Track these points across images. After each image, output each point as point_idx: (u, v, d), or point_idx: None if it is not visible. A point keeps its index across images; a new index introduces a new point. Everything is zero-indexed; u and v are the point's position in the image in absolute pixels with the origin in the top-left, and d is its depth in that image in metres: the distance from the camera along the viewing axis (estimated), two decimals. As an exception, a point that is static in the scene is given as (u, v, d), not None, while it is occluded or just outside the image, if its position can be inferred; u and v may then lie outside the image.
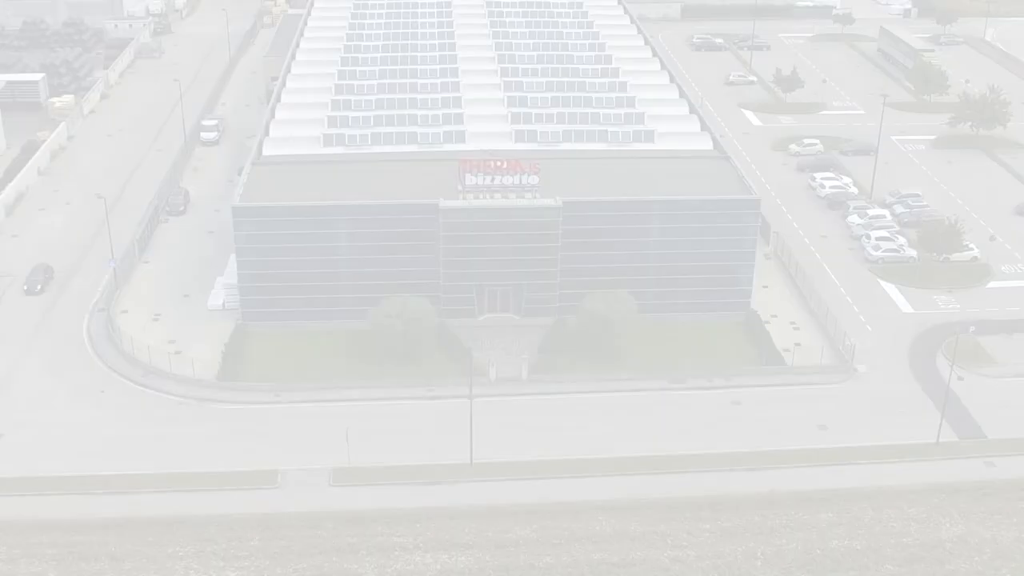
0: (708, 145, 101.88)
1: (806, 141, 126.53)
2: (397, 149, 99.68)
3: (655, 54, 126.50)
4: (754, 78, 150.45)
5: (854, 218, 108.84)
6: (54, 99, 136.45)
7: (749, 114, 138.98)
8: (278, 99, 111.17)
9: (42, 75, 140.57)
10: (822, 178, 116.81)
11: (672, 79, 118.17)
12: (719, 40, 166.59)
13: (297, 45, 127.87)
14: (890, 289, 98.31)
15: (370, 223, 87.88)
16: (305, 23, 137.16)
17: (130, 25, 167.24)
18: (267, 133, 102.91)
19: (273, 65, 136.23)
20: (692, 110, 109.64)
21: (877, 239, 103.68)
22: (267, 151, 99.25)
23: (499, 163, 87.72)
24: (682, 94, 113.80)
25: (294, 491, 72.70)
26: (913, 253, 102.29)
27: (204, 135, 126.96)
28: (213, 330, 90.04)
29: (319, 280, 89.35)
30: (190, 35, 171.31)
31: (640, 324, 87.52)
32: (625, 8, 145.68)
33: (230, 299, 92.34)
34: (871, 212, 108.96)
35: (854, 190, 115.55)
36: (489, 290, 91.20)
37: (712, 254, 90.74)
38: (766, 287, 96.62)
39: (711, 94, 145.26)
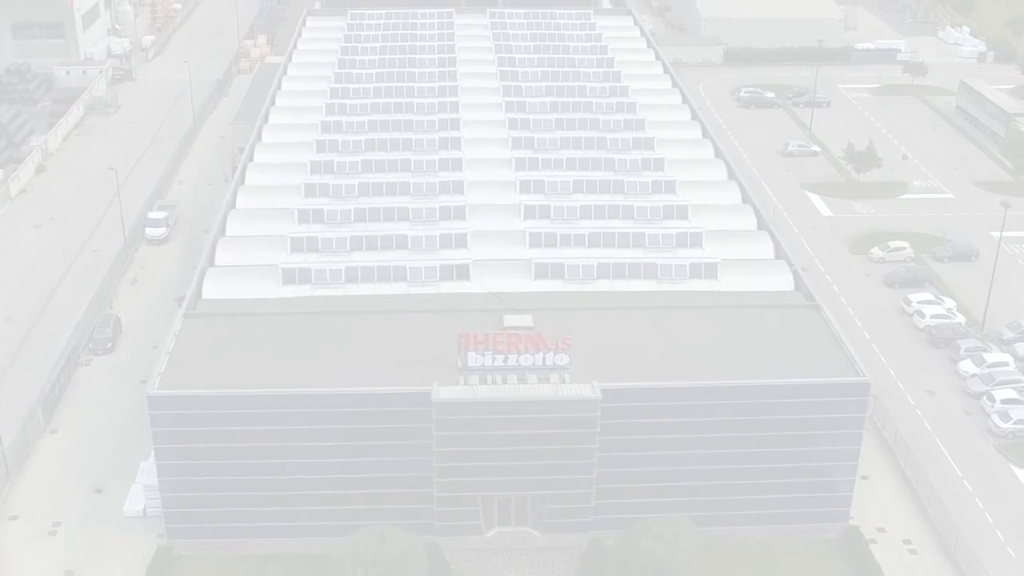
0: (788, 282, 77.95)
1: (892, 245, 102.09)
2: (378, 290, 75.85)
3: (706, 134, 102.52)
4: (817, 148, 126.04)
5: (967, 365, 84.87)
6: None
7: (815, 199, 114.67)
8: (232, 204, 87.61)
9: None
10: (919, 302, 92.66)
11: (731, 174, 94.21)
12: (770, 95, 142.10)
13: (266, 119, 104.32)
14: (1029, 481, 74.68)
15: (336, 417, 64.24)
16: (279, 85, 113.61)
17: (84, 72, 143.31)
18: (212, 260, 79.36)
19: (240, 132, 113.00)
20: (761, 224, 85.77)
21: (1003, 402, 79.81)
22: (209, 290, 75.59)
23: (513, 339, 63.78)
24: (746, 198, 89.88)
25: None
26: (1054, 425, 78.54)
27: (150, 231, 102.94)
28: (128, 550, 66.71)
29: (268, 489, 65.69)
30: (154, 81, 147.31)
31: (704, 554, 64.14)
32: (664, 65, 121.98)
33: (153, 503, 68.86)
34: (989, 358, 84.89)
35: (960, 318, 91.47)
36: (500, 498, 67.66)
37: (801, 453, 66.90)
38: (866, 478, 72.69)
39: (766, 168, 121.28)
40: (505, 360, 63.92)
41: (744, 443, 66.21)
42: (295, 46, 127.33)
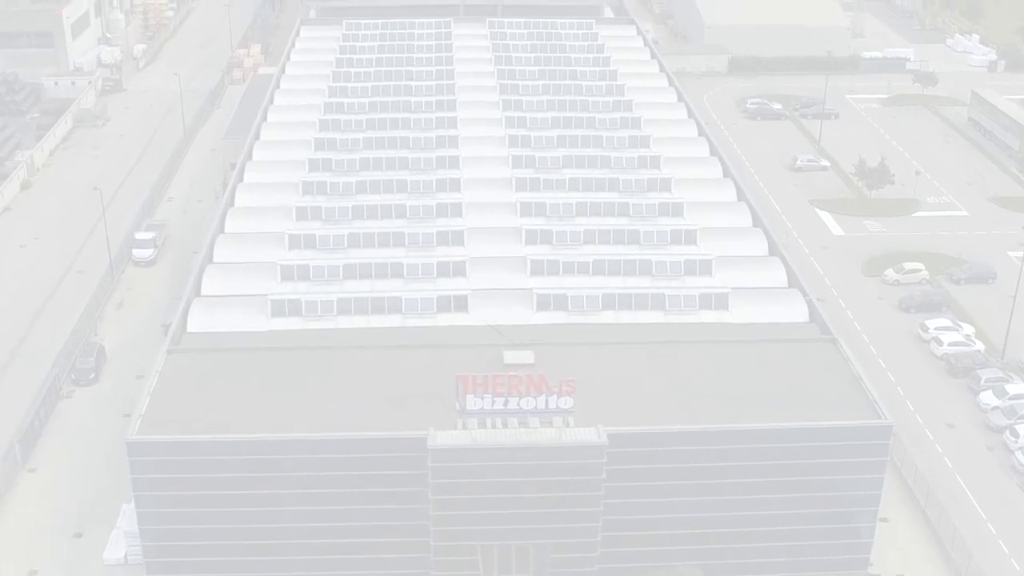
0: (802, 313, 74.34)
1: (907, 266, 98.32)
2: (372, 323, 72.25)
3: (713, 151, 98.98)
4: (827, 163, 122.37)
5: (988, 397, 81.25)
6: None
7: (826, 216, 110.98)
8: (221, 227, 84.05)
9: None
10: (936, 328, 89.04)
11: (740, 195, 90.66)
12: (777, 106, 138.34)
13: (257, 135, 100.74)
14: (1057, 523, 71.02)
15: (327, 463, 60.67)
16: (271, 99, 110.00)
17: (72, 83, 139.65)
18: (198, 290, 75.75)
19: (232, 148, 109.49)
20: (772, 249, 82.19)
21: (1028, 437, 76.35)
22: (194, 323, 71.99)
23: (514, 382, 60.14)
24: (756, 221, 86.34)
25: None
26: (1081, 462, 74.90)
27: (137, 252, 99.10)
28: (107, 601, 63.31)
29: (255, 538, 62.12)
30: (145, 92, 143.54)
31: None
32: (669, 77, 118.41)
33: (134, 550, 65.23)
34: (1011, 389, 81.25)
35: (979, 345, 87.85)
36: (501, 547, 63.98)
37: (818, 499, 63.29)
38: (885, 520, 68.96)
39: (774, 184, 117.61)
40: (505, 403, 60.41)
41: (758, 489, 62.67)
42: (288, 57, 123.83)
